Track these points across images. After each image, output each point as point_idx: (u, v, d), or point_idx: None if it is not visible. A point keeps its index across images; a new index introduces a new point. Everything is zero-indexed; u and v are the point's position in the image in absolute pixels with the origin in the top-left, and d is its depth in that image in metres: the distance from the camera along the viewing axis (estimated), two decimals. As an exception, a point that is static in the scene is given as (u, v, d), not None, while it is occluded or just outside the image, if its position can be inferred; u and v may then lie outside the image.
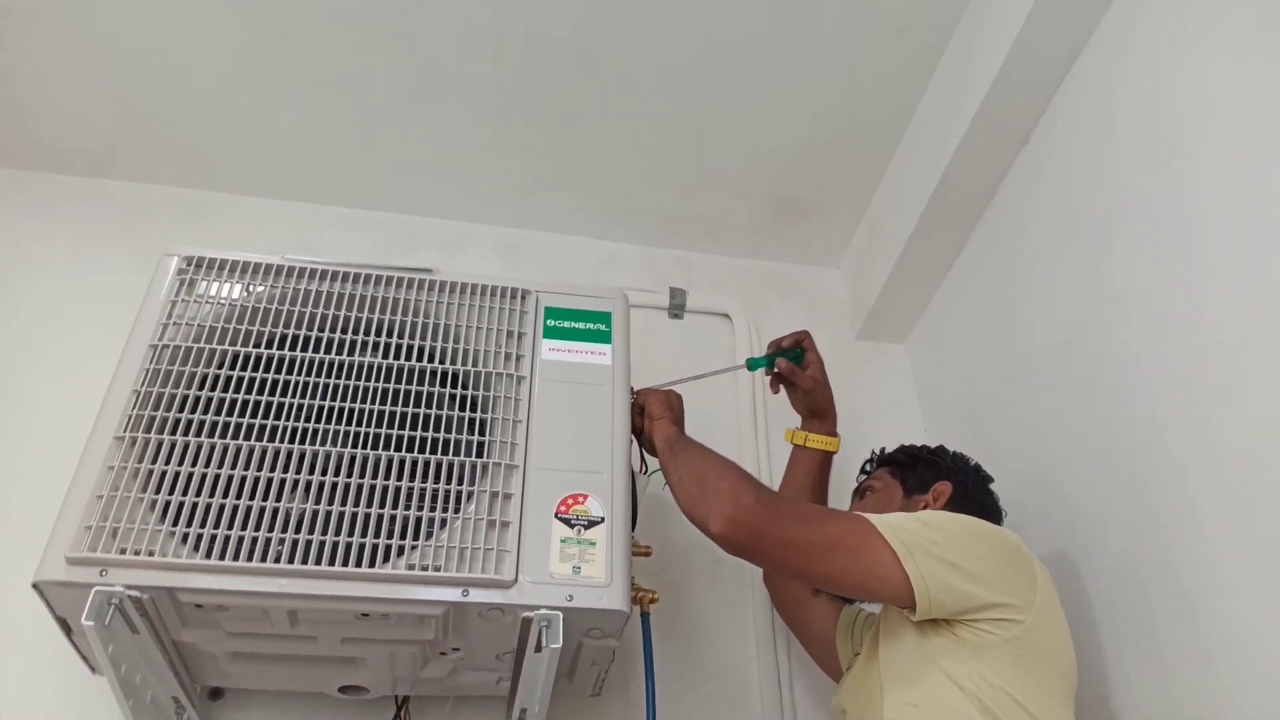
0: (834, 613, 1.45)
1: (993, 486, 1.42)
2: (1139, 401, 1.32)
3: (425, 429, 1.19)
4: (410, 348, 1.26)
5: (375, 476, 1.14)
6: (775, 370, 1.49)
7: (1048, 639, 1.11)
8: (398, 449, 1.16)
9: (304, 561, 1.05)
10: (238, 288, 1.26)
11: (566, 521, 1.15)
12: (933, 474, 1.38)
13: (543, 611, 1.08)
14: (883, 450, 1.51)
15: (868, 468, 1.52)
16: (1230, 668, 1.13)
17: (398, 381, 1.22)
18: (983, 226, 1.77)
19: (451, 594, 1.08)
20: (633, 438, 1.32)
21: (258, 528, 1.07)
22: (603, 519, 1.16)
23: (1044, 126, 1.60)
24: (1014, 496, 1.59)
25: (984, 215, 1.76)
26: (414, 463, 1.16)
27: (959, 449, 1.65)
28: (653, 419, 1.33)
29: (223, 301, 1.24)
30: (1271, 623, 1.08)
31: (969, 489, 1.37)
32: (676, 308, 1.96)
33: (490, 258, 1.96)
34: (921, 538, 1.10)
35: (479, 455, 1.18)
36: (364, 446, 1.16)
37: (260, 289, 1.26)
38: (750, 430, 1.84)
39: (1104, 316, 1.41)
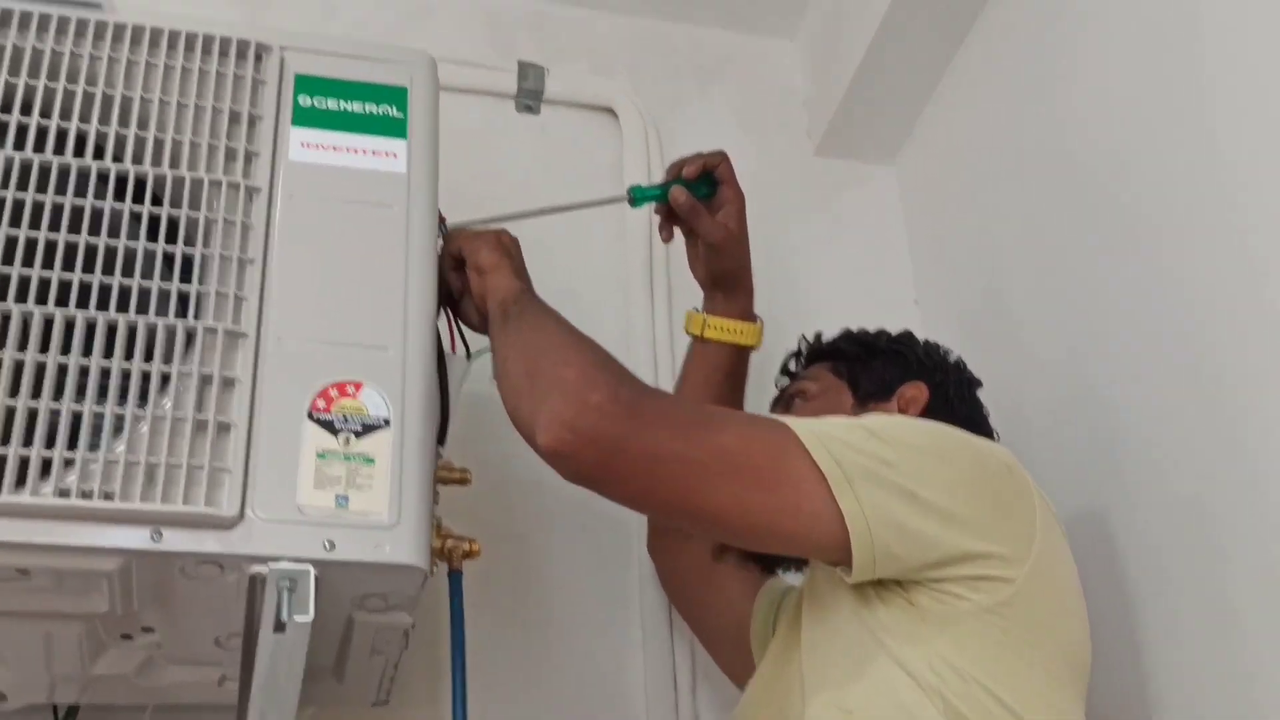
0: (749, 592, 1.50)
1: (981, 393, 1.48)
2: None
3: (91, 269, 1.15)
4: (65, 134, 1.21)
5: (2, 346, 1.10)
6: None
7: (1047, 605, 1.16)
8: (41, 302, 1.12)
9: None
10: None
11: (327, 425, 1.16)
12: (898, 372, 1.44)
13: (284, 565, 1.08)
14: (818, 337, 1.54)
15: (791, 365, 1.55)
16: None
17: (43, 190, 1.17)
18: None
19: (133, 537, 1.07)
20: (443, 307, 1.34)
21: None
22: (387, 421, 1.17)
23: None
24: (1045, 399, 1.64)
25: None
26: (69, 324, 1.12)
27: (964, 336, 1.68)
28: (483, 271, 1.33)
29: None
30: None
31: (949, 396, 1.43)
32: (530, 94, 1.95)
33: (235, 8, 1.90)
34: (865, 454, 1.13)
35: (184, 315, 1.16)
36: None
37: None
38: (644, 300, 1.86)
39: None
